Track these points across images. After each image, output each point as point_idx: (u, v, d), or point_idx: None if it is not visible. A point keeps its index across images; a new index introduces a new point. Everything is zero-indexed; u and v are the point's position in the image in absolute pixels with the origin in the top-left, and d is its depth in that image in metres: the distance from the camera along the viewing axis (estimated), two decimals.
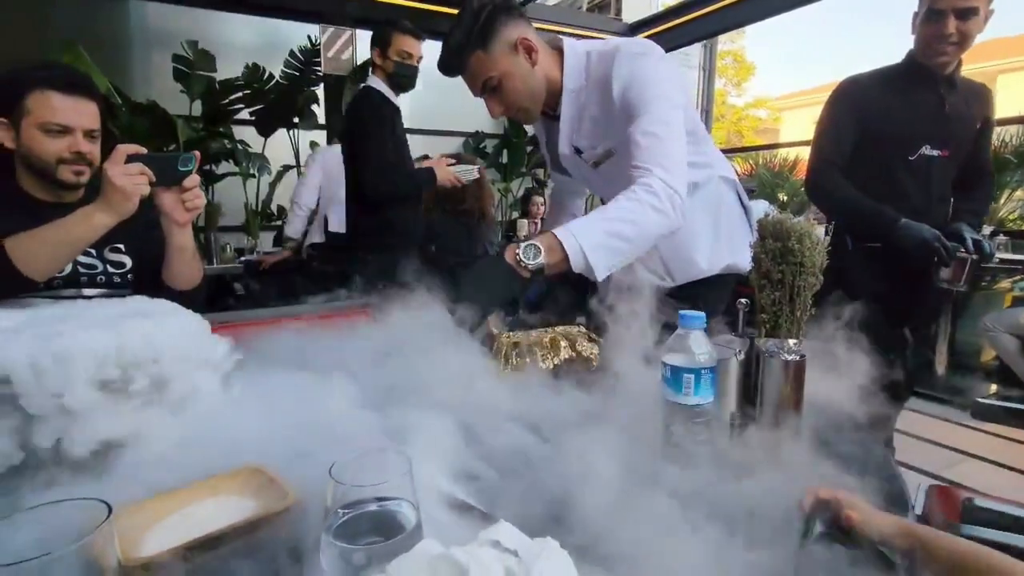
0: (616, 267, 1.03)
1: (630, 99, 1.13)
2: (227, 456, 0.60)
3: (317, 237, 3.62)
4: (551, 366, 0.96)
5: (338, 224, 3.35)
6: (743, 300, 0.78)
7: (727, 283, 1.39)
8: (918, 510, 1.02)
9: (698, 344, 0.64)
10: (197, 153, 1.22)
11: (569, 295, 1.41)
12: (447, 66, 1.21)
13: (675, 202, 1.04)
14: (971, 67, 2.41)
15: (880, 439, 0.81)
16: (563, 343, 1.00)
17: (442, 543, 0.43)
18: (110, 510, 0.33)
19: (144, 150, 1.16)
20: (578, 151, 1.30)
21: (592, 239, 0.98)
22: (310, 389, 0.78)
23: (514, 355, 0.95)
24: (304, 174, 3.70)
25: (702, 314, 0.65)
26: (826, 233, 0.70)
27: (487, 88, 1.20)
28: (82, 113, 1.29)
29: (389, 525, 0.47)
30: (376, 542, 0.46)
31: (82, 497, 0.34)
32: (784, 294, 0.69)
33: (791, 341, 0.70)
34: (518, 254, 0.96)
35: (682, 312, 0.65)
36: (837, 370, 0.74)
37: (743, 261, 1.36)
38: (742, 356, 0.72)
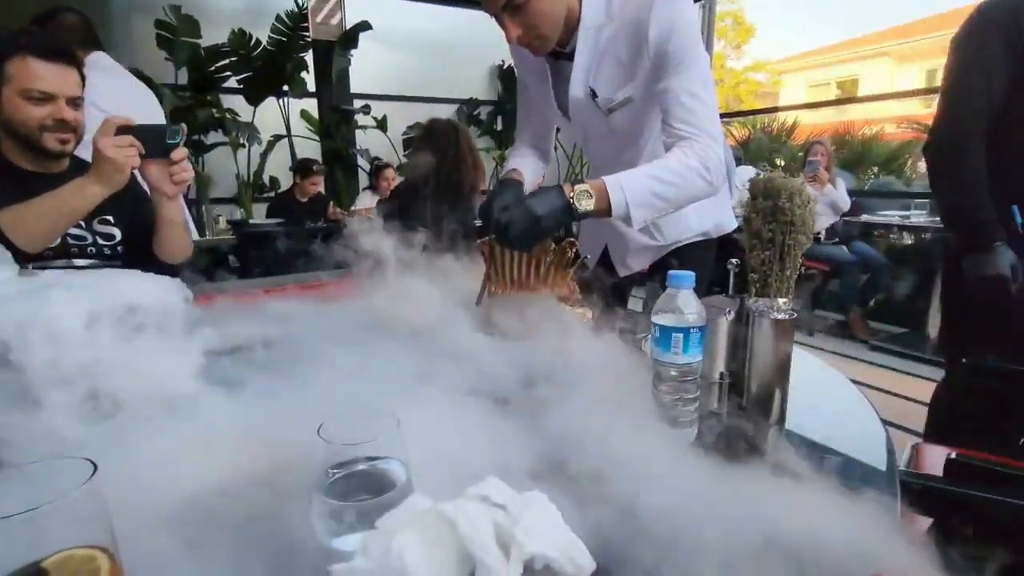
0: (650, 220, 1.09)
1: (668, 50, 1.06)
2: (216, 425, 0.61)
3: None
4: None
5: None
6: (734, 260, 0.77)
7: (711, 244, 1.40)
8: (903, 467, 1.05)
9: (687, 304, 0.64)
10: (183, 125, 1.21)
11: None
12: None
13: (720, 172, 1.07)
14: None
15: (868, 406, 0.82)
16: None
17: (432, 498, 0.44)
18: (95, 467, 0.33)
19: (132, 122, 1.15)
20: (593, 94, 1.20)
21: (638, 195, 1.03)
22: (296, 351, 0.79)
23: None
24: None
25: (691, 273, 0.64)
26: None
27: (512, 5, 1.05)
28: (64, 80, 1.27)
29: (379, 482, 0.48)
30: (366, 499, 0.46)
31: (69, 456, 0.34)
32: (774, 253, 0.69)
33: (781, 300, 0.71)
34: (572, 196, 1.00)
35: (671, 272, 0.65)
36: None
37: (728, 220, 1.37)
38: (732, 316, 0.72)
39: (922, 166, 6.65)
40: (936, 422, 1.57)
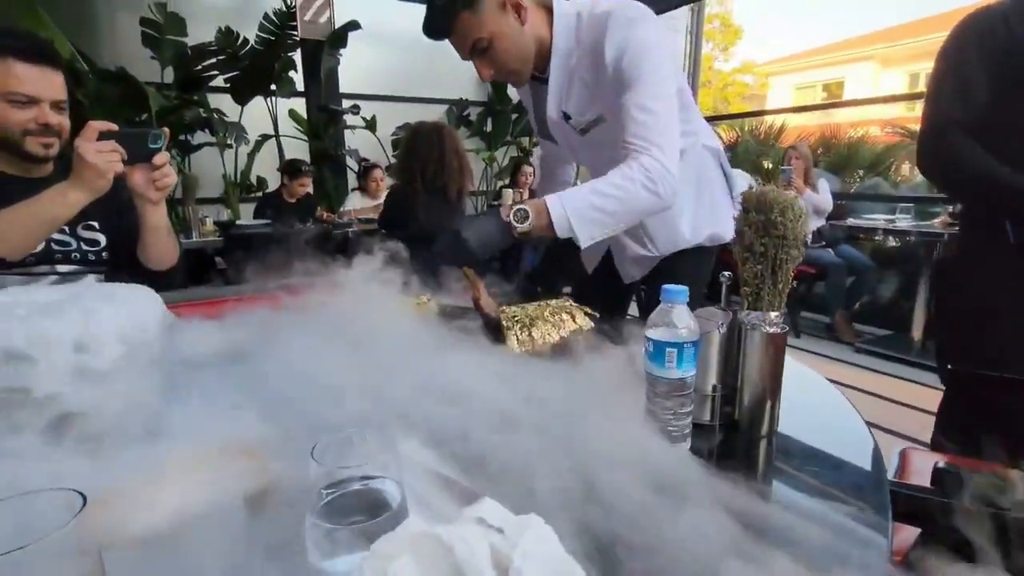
0: (599, 237, 1.08)
1: (623, 67, 1.10)
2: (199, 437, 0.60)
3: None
4: (557, 339, 0.96)
5: None
6: (726, 273, 0.78)
7: (710, 253, 1.40)
8: (891, 474, 1.06)
9: (681, 318, 0.64)
10: (166, 129, 1.19)
11: (562, 265, 1.43)
12: (433, 29, 1.15)
13: (667, 182, 1.07)
14: None
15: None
16: (565, 316, 1.01)
17: (426, 520, 0.43)
18: (85, 500, 0.32)
19: (115, 127, 1.13)
20: (566, 116, 1.27)
21: (578, 209, 1.04)
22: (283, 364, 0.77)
23: (517, 328, 0.95)
24: None
25: (684, 288, 0.65)
26: (954, 218, 0.64)
27: (476, 50, 1.15)
28: (48, 83, 1.24)
29: (373, 504, 0.48)
30: (360, 521, 0.46)
31: (56, 488, 0.34)
32: (767, 267, 0.70)
33: (773, 314, 0.71)
34: (510, 215, 1.04)
35: (665, 286, 0.65)
36: None
37: (725, 230, 1.38)
38: (724, 329, 0.72)
39: (906, 169, 6.75)
40: (943, 436, 1.52)
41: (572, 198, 1.06)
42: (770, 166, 6.23)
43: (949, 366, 1.32)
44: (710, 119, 7.51)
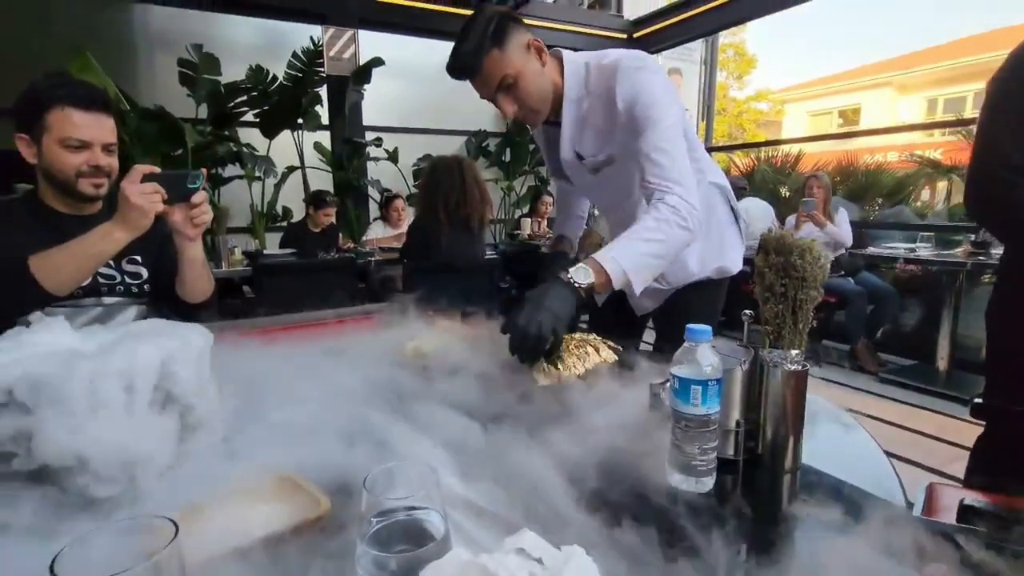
0: (649, 281, 1.15)
1: (636, 114, 1.19)
2: (250, 467, 0.64)
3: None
4: (582, 372, 1.00)
5: None
6: (748, 312, 0.81)
7: (718, 285, 1.47)
8: (918, 509, 1.05)
9: (705, 356, 0.67)
10: (204, 170, 1.26)
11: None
12: (461, 68, 1.20)
13: (694, 217, 1.15)
14: None
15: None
16: (590, 349, 1.04)
17: (468, 550, 0.46)
18: (177, 528, 0.36)
19: (157, 169, 1.20)
20: (580, 157, 1.36)
21: (631, 261, 1.09)
22: (325, 396, 0.82)
23: (543, 361, 0.99)
24: None
25: (708, 328, 0.68)
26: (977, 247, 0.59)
27: (503, 87, 1.21)
28: (100, 128, 1.33)
29: (419, 533, 0.51)
30: (407, 550, 0.49)
31: (150, 515, 0.38)
32: (787, 307, 0.73)
33: (793, 352, 0.73)
34: (571, 277, 1.04)
35: (689, 326, 0.68)
36: None
37: (732, 263, 1.45)
38: (746, 366, 0.75)
39: (925, 196, 6.69)
40: (978, 473, 1.41)
41: (621, 252, 1.09)
42: (787, 194, 6.23)
43: (980, 401, 1.27)
44: (725, 148, 7.56)
